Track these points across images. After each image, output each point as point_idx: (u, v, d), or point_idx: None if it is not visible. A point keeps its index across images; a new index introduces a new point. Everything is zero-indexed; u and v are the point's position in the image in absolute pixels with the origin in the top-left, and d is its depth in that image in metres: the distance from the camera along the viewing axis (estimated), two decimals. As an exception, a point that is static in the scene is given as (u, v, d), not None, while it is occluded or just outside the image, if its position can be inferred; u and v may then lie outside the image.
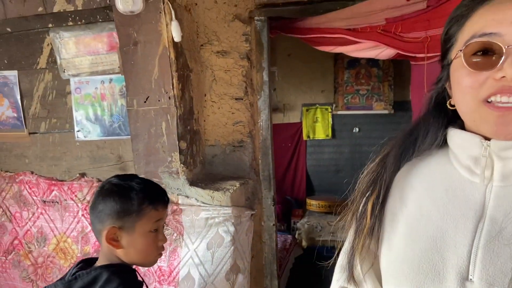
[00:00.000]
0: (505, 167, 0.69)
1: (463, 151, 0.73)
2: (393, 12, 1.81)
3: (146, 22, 1.80)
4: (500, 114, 0.64)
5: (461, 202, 0.72)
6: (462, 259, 0.68)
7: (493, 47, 0.64)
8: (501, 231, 0.67)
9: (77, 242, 2.04)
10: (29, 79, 2.01)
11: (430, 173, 0.79)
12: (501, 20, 0.64)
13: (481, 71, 0.66)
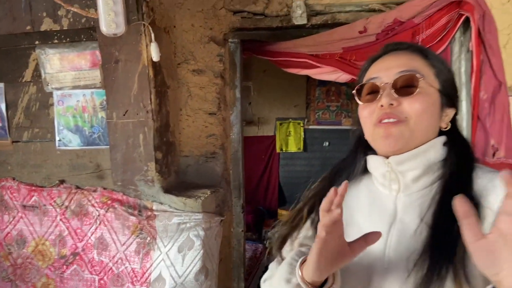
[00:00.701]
0: (405, 179, 0.89)
1: (376, 171, 0.94)
2: (349, 42, 2.05)
3: (127, 42, 1.97)
4: (385, 129, 0.86)
5: (380, 211, 0.92)
6: (380, 253, 0.87)
7: (375, 86, 0.89)
8: (406, 230, 0.86)
9: (54, 245, 2.16)
10: (15, 91, 2.15)
11: (358, 191, 0.99)
12: (380, 68, 0.91)
13: (370, 103, 0.90)
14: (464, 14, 1.69)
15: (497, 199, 0.77)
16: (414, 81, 0.86)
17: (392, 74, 0.88)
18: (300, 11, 2.31)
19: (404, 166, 0.87)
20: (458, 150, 0.89)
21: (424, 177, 0.88)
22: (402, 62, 0.89)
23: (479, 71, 1.69)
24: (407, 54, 0.92)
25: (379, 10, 2.31)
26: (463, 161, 0.87)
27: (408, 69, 0.87)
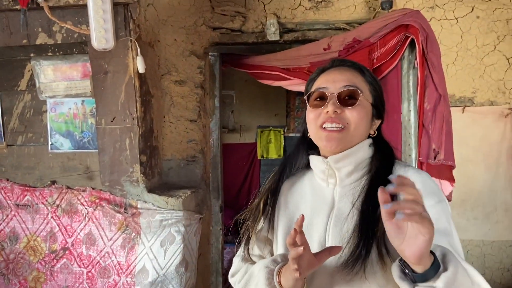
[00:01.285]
0: (340, 174, 1.06)
1: (316, 167, 1.11)
2: (315, 57, 2.31)
3: (116, 56, 2.18)
4: (328, 134, 1.03)
5: (320, 201, 1.09)
6: (321, 234, 1.04)
7: (323, 94, 1.06)
8: (341, 214, 1.03)
9: (45, 241, 2.34)
10: (10, 99, 2.33)
11: (303, 185, 1.16)
12: (328, 80, 1.08)
13: (317, 109, 1.06)
14: (410, 36, 1.96)
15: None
16: (355, 95, 1.03)
17: (338, 87, 1.04)
18: (274, 29, 2.57)
19: (340, 164, 1.05)
20: (381, 150, 1.08)
21: (355, 172, 1.06)
22: (346, 77, 1.06)
23: (423, 85, 1.96)
24: (350, 71, 1.09)
25: (343, 29, 2.58)
26: (385, 159, 1.05)
27: (351, 84, 1.05)
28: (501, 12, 2.48)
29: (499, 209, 2.50)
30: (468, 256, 2.56)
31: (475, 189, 2.52)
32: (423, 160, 1.96)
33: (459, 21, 2.50)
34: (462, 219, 2.53)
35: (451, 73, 2.53)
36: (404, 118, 2.07)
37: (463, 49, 2.52)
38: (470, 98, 2.55)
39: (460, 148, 2.44)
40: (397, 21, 2.03)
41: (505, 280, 2.54)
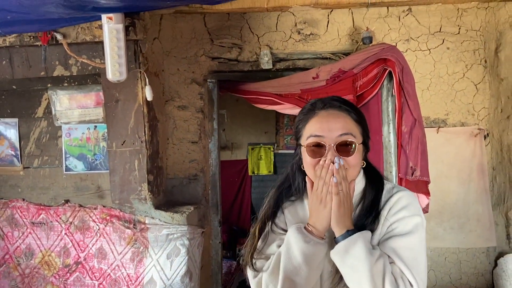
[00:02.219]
0: None
1: None
2: (305, 85, 2.58)
3: (126, 86, 2.42)
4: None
5: None
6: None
7: (321, 144, 1.10)
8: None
9: (59, 256, 2.52)
10: (28, 125, 2.54)
11: (303, 207, 1.22)
12: (322, 127, 1.11)
13: (316, 157, 1.11)
14: (388, 68, 2.25)
15: (387, 208, 1.12)
16: (352, 144, 1.09)
17: (334, 136, 1.09)
18: (267, 58, 2.84)
19: None
20: (372, 180, 1.17)
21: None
22: (341, 125, 1.10)
23: (400, 110, 2.24)
24: (342, 116, 1.13)
25: (330, 58, 2.88)
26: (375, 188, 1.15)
27: (346, 132, 1.09)
28: (469, 44, 2.79)
29: (472, 220, 2.78)
30: (446, 263, 2.82)
31: (450, 202, 2.80)
32: (402, 176, 2.23)
33: (432, 52, 2.81)
34: (440, 229, 2.80)
35: (426, 98, 2.82)
36: (385, 139, 2.34)
37: (436, 76, 2.82)
38: (444, 119, 2.84)
39: (436, 165, 2.73)
40: (376, 54, 2.32)
41: (479, 284, 2.80)
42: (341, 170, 1.05)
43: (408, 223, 1.08)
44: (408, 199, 1.13)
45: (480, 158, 2.80)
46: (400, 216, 1.09)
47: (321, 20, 2.83)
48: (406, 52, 2.79)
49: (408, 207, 1.11)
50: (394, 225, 1.09)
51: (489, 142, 2.82)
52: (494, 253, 2.79)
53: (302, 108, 1.22)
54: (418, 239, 1.07)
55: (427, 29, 2.81)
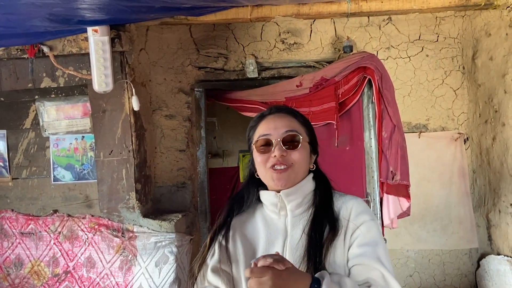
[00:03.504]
0: (291, 206, 1.17)
1: (268, 201, 1.20)
2: (289, 93, 2.65)
3: (113, 96, 2.46)
4: (277, 174, 1.14)
5: (274, 231, 1.18)
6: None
7: (269, 141, 1.16)
8: (294, 242, 1.14)
9: (49, 265, 2.54)
10: (15, 136, 2.57)
11: (255, 219, 1.24)
12: (270, 127, 1.18)
13: (265, 154, 1.16)
14: (367, 76, 2.32)
15: (346, 211, 1.14)
16: (297, 138, 1.16)
17: (280, 132, 1.16)
18: (252, 67, 2.91)
19: (290, 197, 1.17)
20: (321, 183, 1.22)
21: (303, 204, 1.19)
22: (285, 123, 1.18)
23: (380, 116, 2.30)
24: (287, 117, 1.20)
25: (313, 66, 2.95)
26: (326, 191, 1.20)
27: (291, 129, 1.16)
28: (447, 51, 2.88)
29: (454, 222, 2.84)
30: (430, 264, 2.88)
31: (432, 205, 2.86)
32: (383, 181, 2.29)
33: (412, 59, 2.90)
34: (423, 231, 2.86)
35: (407, 104, 2.90)
36: (366, 145, 2.40)
37: (416, 83, 2.90)
38: (425, 124, 2.92)
39: (417, 169, 2.80)
40: (356, 63, 2.39)
41: (463, 285, 2.87)
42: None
43: (372, 227, 1.13)
44: (363, 204, 1.19)
45: (460, 162, 2.88)
46: (364, 219, 1.13)
47: (304, 30, 2.91)
48: (387, 60, 2.88)
49: (367, 211, 1.16)
50: (361, 228, 1.12)
51: (469, 146, 2.90)
52: (476, 254, 2.86)
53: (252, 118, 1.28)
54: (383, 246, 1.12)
55: (407, 37, 2.90)
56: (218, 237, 1.21)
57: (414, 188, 2.79)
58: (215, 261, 1.19)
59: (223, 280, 1.17)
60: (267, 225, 1.21)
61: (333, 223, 1.13)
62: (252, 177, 1.25)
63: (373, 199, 2.32)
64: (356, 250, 1.10)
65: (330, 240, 1.11)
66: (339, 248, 1.11)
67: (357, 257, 1.09)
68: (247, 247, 1.19)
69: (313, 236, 1.11)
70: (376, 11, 2.65)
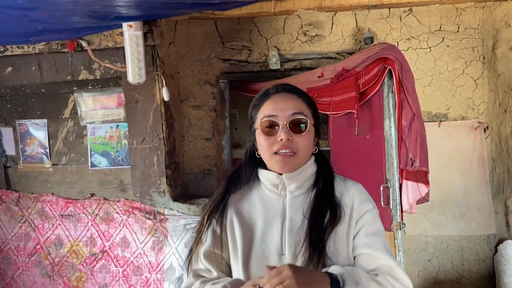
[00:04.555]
0: (290, 188, 1.15)
1: (268, 181, 1.17)
2: (311, 84, 2.75)
3: (145, 87, 2.61)
4: (282, 159, 1.11)
5: (272, 211, 1.15)
6: (278, 244, 1.11)
7: (274, 123, 1.11)
8: (295, 225, 1.11)
9: (86, 245, 2.74)
10: (56, 125, 2.76)
11: (252, 197, 1.20)
12: (275, 108, 1.12)
13: (270, 136, 1.12)
14: (388, 66, 2.40)
15: (349, 198, 1.13)
16: (304, 122, 1.12)
17: (287, 115, 1.11)
18: (275, 59, 3.02)
19: (291, 180, 1.15)
20: (323, 167, 1.20)
21: (303, 186, 1.17)
22: (293, 105, 1.12)
23: (400, 106, 2.39)
24: (294, 97, 1.15)
25: (334, 58, 3.04)
26: (328, 175, 1.19)
27: (298, 111, 1.12)
28: (468, 41, 2.93)
29: (473, 208, 2.91)
30: (448, 250, 2.96)
31: (452, 192, 2.93)
32: (403, 167, 2.37)
33: (432, 50, 2.95)
34: (442, 218, 2.94)
35: (427, 94, 2.96)
36: (386, 133, 2.49)
37: (436, 73, 2.95)
38: (445, 114, 2.98)
39: (437, 157, 2.87)
40: (377, 54, 2.47)
41: (481, 269, 2.93)
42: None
43: (376, 216, 1.15)
44: (365, 191, 1.19)
45: (480, 150, 2.93)
46: (368, 208, 1.14)
47: (326, 22, 3.00)
48: (407, 51, 2.94)
49: (369, 199, 1.17)
50: (365, 217, 1.12)
51: (488, 135, 2.95)
52: (494, 240, 2.92)
53: (255, 96, 1.23)
54: (384, 234, 1.15)
55: (428, 28, 2.95)
56: (214, 217, 1.18)
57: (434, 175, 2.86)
58: (208, 244, 1.16)
59: (213, 264, 1.16)
60: (265, 204, 1.18)
61: (334, 208, 1.11)
62: (251, 156, 1.22)
63: (393, 185, 2.41)
64: (363, 239, 1.10)
65: (331, 226, 1.09)
66: (340, 234, 1.10)
67: (364, 246, 1.09)
68: (245, 227, 1.16)
69: (314, 221, 1.09)
70: (397, 3, 2.71)
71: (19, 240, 2.80)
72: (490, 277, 2.91)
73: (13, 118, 2.79)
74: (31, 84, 2.70)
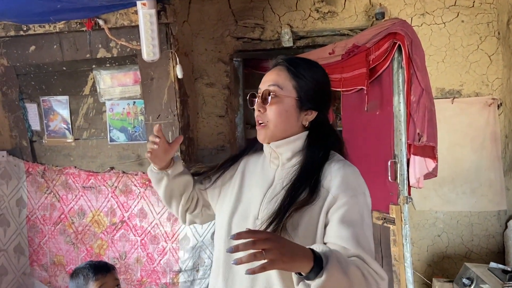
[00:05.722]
0: (282, 158, 1.20)
1: (265, 150, 1.25)
2: (322, 60, 2.77)
3: (160, 65, 2.70)
4: (258, 129, 1.20)
5: (264, 178, 1.23)
6: (256, 207, 1.18)
7: (254, 95, 1.21)
8: (274, 192, 1.16)
9: (107, 215, 2.90)
10: (76, 102, 2.90)
11: (258, 162, 1.30)
12: (263, 81, 1.19)
13: (251, 106, 1.23)
14: (397, 42, 2.40)
15: (329, 182, 1.10)
16: (271, 94, 1.14)
17: (264, 87, 1.17)
18: (288, 36, 3.06)
19: (280, 149, 1.19)
20: (314, 143, 1.18)
21: (293, 158, 1.19)
22: (271, 78, 1.17)
23: (409, 81, 2.40)
24: (278, 70, 1.18)
25: (347, 34, 3.05)
26: (314, 152, 1.17)
27: (273, 83, 1.15)
28: (483, 17, 2.88)
29: (484, 185, 2.91)
30: (458, 225, 2.98)
31: (463, 168, 2.94)
32: (410, 142, 2.40)
33: (447, 25, 2.92)
34: (452, 194, 2.96)
35: (441, 70, 2.94)
36: (395, 108, 2.51)
37: (450, 49, 2.93)
38: (458, 90, 2.96)
39: (449, 134, 2.88)
40: (387, 29, 2.47)
41: (490, 245, 2.95)
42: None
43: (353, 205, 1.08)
44: (351, 176, 1.13)
45: (493, 127, 2.91)
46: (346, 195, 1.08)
47: (339, -1, 3.00)
48: (421, 26, 2.92)
49: (352, 186, 1.10)
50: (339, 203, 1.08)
51: (502, 111, 2.92)
52: (505, 216, 2.92)
53: None
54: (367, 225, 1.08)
55: (442, 3, 2.92)
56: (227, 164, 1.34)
57: (445, 152, 2.88)
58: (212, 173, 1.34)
59: (203, 186, 1.36)
60: (262, 171, 1.26)
61: (311, 190, 1.09)
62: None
63: (400, 160, 2.44)
64: (335, 228, 1.05)
65: (301, 203, 1.08)
66: (309, 211, 1.09)
67: (334, 237, 1.04)
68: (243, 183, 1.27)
69: (289, 194, 1.10)
70: (410, -23, 2.70)
71: (45, 210, 2.98)
72: (500, 253, 2.93)
73: (37, 95, 2.94)
74: (53, 62, 2.83)
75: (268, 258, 0.80)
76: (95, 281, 1.62)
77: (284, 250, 0.83)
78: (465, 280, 2.41)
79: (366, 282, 0.94)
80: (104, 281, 1.64)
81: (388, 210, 2.46)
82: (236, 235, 0.81)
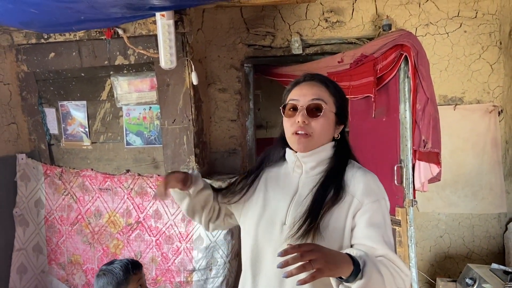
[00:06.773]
0: (306, 167, 1.27)
1: (289, 159, 1.31)
2: (331, 69, 2.90)
3: (176, 72, 2.82)
4: (298, 139, 1.23)
5: (288, 186, 1.29)
6: (283, 213, 1.23)
7: (295, 106, 1.24)
8: (300, 199, 1.23)
9: (123, 216, 3.02)
10: (94, 107, 3.02)
11: (280, 172, 1.35)
12: (300, 93, 1.25)
13: (291, 118, 1.24)
14: (404, 53, 2.53)
15: (353, 188, 1.19)
16: (320, 107, 1.21)
17: (307, 100, 1.22)
18: (297, 44, 3.17)
19: (306, 159, 1.27)
20: (339, 152, 1.29)
21: (317, 167, 1.27)
22: (313, 91, 1.23)
23: (415, 90, 2.52)
24: (318, 85, 1.25)
25: (354, 43, 3.17)
26: (340, 160, 1.27)
27: (317, 97, 1.22)
28: (485, 27, 3.00)
29: (485, 188, 3.05)
30: (460, 227, 3.12)
31: (465, 172, 3.07)
32: (416, 148, 2.53)
33: (450, 35, 3.04)
34: (454, 197, 3.09)
35: (444, 78, 3.07)
36: (401, 116, 2.63)
37: (453, 58, 3.05)
38: (460, 97, 3.09)
39: (452, 139, 3.01)
40: (394, 40, 2.59)
41: (491, 246, 3.09)
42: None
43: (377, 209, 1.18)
44: (374, 183, 1.23)
45: (494, 133, 3.04)
46: (370, 199, 1.18)
47: (347, 9, 3.12)
48: (425, 36, 3.05)
49: (375, 191, 1.20)
50: (366, 208, 1.17)
51: (502, 118, 3.05)
52: (505, 218, 3.06)
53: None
54: (389, 228, 1.18)
55: (446, 14, 3.04)
56: (249, 177, 1.39)
57: (448, 156, 3.01)
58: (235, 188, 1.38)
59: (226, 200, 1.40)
60: (286, 179, 1.31)
61: (337, 189, 1.19)
62: (281, 137, 1.35)
63: (406, 165, 2.57)
64: (363, 230, 1.14)
65: (330, 204, 1.17)
66: (336, 214, 1.17)
67: (363, 237, 1.13)
68: (267, 193, 1.32)
69: (317, 196, 1.19)
70: (416, -10, 2.82)
71: (63, 211, 3.09)
72: (500, 253, 3.07)
73: (55, 99, 3.05)
74: (71, 69, 2.94)
75: (316, 267, 0.87)
76: (133, 275, 1.83)
77: (328, 258, 0.91)
78: (468, 280, 2.54)
79: (394, 279, 1.04)
80: (140, 276, 1.88)
81: (394, 212, 2.59)
82: (283, 251, 0.88)
